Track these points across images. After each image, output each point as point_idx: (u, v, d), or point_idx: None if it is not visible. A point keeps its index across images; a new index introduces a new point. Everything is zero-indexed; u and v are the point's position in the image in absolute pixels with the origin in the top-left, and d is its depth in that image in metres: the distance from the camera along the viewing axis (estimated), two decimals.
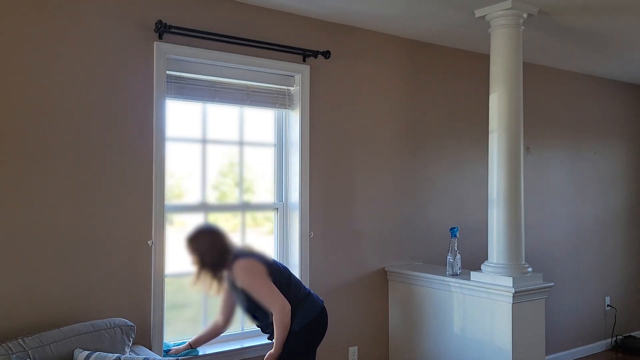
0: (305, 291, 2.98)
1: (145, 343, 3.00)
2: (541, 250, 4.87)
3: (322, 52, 3.61)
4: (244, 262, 2.81)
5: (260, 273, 2.80)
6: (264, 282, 2.79)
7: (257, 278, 2.79)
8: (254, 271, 2.80)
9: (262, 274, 2.80)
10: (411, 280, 3.83)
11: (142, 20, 3.03)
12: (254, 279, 2.80)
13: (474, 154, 4.46)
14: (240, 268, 2.80)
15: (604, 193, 5.53)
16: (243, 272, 2.80)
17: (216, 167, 3.44)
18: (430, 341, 3.72)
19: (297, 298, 2.89)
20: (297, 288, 2.94)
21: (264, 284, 2.79)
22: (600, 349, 5.42)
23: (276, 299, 2.77)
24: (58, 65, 2.78)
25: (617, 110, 5.69)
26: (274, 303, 2.78)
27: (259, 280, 2.79)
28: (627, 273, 5.73)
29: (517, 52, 3.45)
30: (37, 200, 2.72)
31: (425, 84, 4.24)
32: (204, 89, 3.28)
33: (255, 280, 2.80)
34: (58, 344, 2.51)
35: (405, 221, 4.11)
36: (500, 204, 3.41)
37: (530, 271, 3.39)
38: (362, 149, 3.90)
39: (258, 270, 2.80)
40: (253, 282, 2.80)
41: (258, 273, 2.80)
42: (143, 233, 3.01)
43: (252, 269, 2.80)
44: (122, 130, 2.96)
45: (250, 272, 2.80)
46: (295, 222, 3.60)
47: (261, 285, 2.79)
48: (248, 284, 2.81)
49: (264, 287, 2.79)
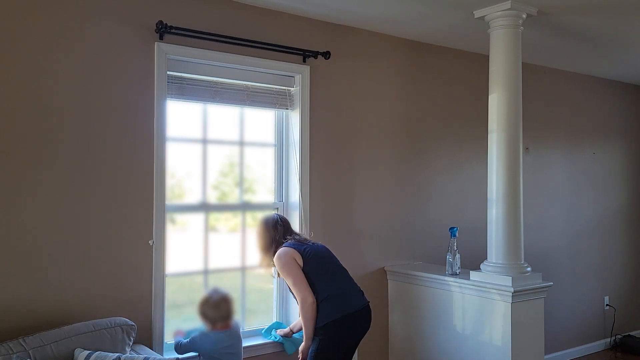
0: (341, 289, 3.01)
1: (146, 342, 3.01)
2: (540, 250, 4.88)
3: (322, 52, 3.62)
4: (281, 250, 3.03)
5: (289, 263, 2.98)
6: (291, 272, 2.97)
7: (286, 267, 2.98)
8: (284, 260, 2.99)
9: (292, 264, 2.97)
10: (411, 280, 3.85)
11: (143, 20, 3.04)
12: (283, 268, 3.00)
13: (473, 153, 4.47)
14: (277, 256, 3.03)
15: (603, 193, 5.54)
16: (277, 259, 3.02)
17: (217, 167, 3.45)
18: (430, 340, 3.73)
19: (326, 293, 2.95)
20: (332, 282, 3.01)
21: (290, 274, 2.97)
22: (599, 348, 5.44)
23: (299, 291, 2.94)
24: (59, 65, 2.79)
25: (616, 110, 5.70)
26: (297, 294, 2.97)
27: (287, 269, 2.98)
28: (626, 272, 5.74)
29: (516, 52, 3.46)
30: (37, 200, 2.73)
31: (425, 84, 4.25)
32: (204, 89, 3.29)
33: (284, 269, 2.99)
34: (58, 343, 2.51)
35: (405, 221, 4.12)
36: (499, 204, 3.42)
37: (529, 271, 3.40)
38: (362, 149, 3.91)
39: (288, 260, 2.98)
40: (282, 270, 3.01)
41: (289, 262, 2.98)
42: (144, 233, 3.02)
43: (283, 257, 3.00)
44: (123, 131, 2.97)
45: (281, 260, 3.00)
46: (295, 222, 3.60)
47: (287, 274, 2.98)
48: (279, 270, 3.03)
49: (290, 277, 2.97)
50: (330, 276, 3.04)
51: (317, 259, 3.04)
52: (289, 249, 3.02)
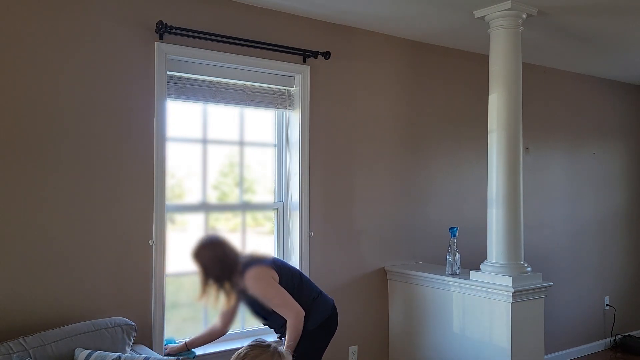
0: (316, 291, 2.98)
1: (147, 342, 3.01)
2: (540, 250, 4.88)
3: (322, 52, 3.62)
4: (255, 271, 2.77)
5: (272, 281, 2.78)
6: (277, 291, 2.77)
7: (270, 286, 2.77)
8: (266, 279, 2.78)
9: (274, 282, 2.79)
10: (411, 280, 3.85)
11: (143, 20, 3.04)
12: (267, 288, 2.78)
13: (473, 153, 4.47)
14: (251, 277, 2.76)
15: (603, 193, 5.54)
16: (255, 281, 2.77)
17: (217, 167, 3.45)
18: (430, 340, 3.73)
19: (309, 299, 2.89)
20: (308, 290, 2.94)
21: (277, 293, 2.77)
22: (599, 348, 5.44)
23: (290, 307, 2.77)
24: (59, 65, 2.79)
25: (616, 110, 5.70)
26: (289, 311, 2.77)
27: (271, 288, 2.77)
28: (626, 272, 5.74)
29: (516, 52, 3.46)
30: (37, 199, 2.73)
31: (425, 84, 4.25)
32: (204, 89, 3.29)
33: (268, 289, 2.77)
34: (59, 343, 2.51)
35: (405, 221, 4.12)
36: (499, 204, 3.42)
37: (529, 271, 3.40)
38: (362, 149, 3.91)
39: (269, 278, 2.78)
40: (266, 290, 2.78)
41: (270, 281, 2.78)
42: (144, 233, 3.02)
43: (263, 278, 2.78)
44: (123, 131, 2.97)
45: (263, 281, 2.77)
46: (295, 222, 3.61)
47: (274, 294, 2.77)
48: (261, 292, 2.78)
49: (277, 296, 2.77)
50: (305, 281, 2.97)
51: (286, 269, 2.93)
52: (262, 267, 2.80)
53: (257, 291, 2.78)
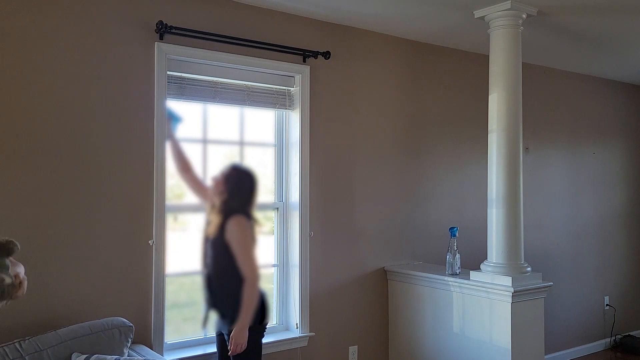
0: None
1: (146, 342, 3.01)
2: (540, 250, 4.88)
3: (322, 52, 3.63)
4: (243, 219, 2.78)
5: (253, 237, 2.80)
6: (253, 245, 2.79)
7: (247, 236, 2.78)
8: (248, 229, 2.79)
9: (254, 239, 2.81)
10: (411, 280, 3.85)
11: (143, 20, 3.04)
12: (247, 238, 2.77)
13: (473, 153, 4.47)
14: (237, 222, 2.75)
15: (603, 193, 5.55)
16: (239, 226, 2.76)
17: (217, 167, 3.44)
18: (430, 340, 3.73)
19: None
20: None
21: (252, 246, 2.78)
22: (599, 348, 5.44)
23: (253, 261, 2.75)
24: (59, 65, 2.80)
25: (616, 110, 5.70)
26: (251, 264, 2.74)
27: (248, 237, 2.77)
28: (626, 272, 5.74)
29: (516, 52, 3.46)
30: (37, 199, 2.73)
31: (425, 84, 4.25)
32: (204, 89, 3.29)
33: (247, 239, 2.77)
34: (55, 348, 2.49)
35: (405, 221, 4.12)
36: (499, 204, 3.42)
37: (529, 271, 3.40)
38: (362, 149, 3.91)
39: (250, 229, 2.80)
40: (244, 234, 2.76)
41: (249, 232, 2.79)
42: (144, 233, 3.03)
43: (248, 227, 2.78)
44: (123, 130, 2.97)
45: (244, 227, 2.77)
46: (295, 222, 3.61)
47: (250, 246, 2.77)
48: (237, 238, 2.75)
49: (252, 248, 2.77)
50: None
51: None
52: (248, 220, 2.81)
53: (233, 235, 2.75)
